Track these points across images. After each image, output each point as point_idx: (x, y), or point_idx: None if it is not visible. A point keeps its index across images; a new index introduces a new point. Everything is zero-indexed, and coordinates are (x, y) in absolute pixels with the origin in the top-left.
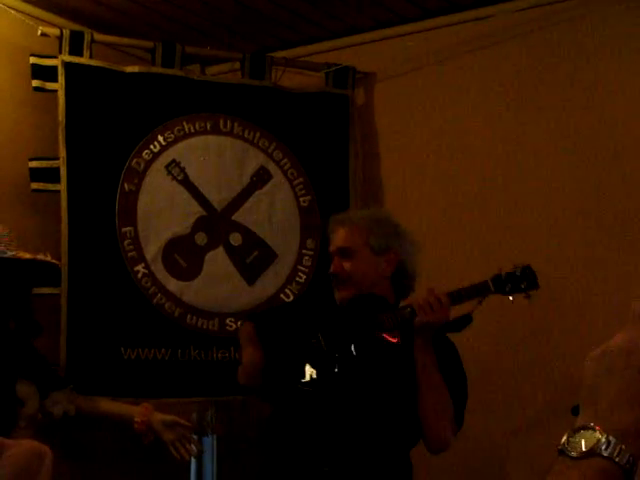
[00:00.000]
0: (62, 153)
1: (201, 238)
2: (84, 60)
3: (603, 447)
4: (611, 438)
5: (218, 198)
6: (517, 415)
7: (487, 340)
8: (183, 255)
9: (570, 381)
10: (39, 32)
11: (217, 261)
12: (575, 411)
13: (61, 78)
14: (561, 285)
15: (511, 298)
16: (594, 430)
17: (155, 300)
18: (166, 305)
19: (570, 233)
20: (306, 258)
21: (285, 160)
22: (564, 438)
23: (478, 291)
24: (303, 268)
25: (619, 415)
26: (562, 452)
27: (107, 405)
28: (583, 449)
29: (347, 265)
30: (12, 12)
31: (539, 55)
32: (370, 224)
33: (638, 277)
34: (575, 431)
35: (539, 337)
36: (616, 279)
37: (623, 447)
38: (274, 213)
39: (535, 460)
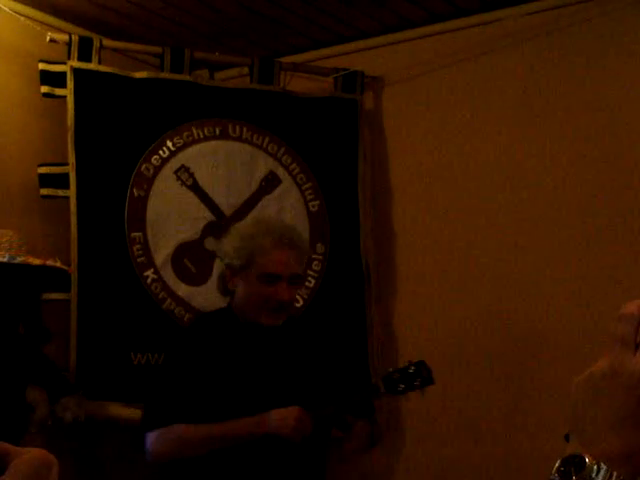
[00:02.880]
0: (71, 159)
1: (210, 243)
2: (93, 66)
3: (594, 475)
4: (601, 465)
5: (227, 203)
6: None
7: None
8: (192, 260)
9: None
10: (48, 38)
11: None
12: (568, 438)
13: (70, 84)
14: (569, 291)
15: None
16: (583, 458)
17: (165, 305)
18: (176, 310)
19: (579, 237)
20: (315, 263)
21: (294, 165)
22: (555, 467)
23: (367, 395)
24: (312, 273)
25: (607, 440)
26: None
27: (117, 410)
28: (574, 478)
29: (294, 293)
30: (21, 18)
31: (547, 59)
32: (306, 247)
33: None
34: (565, 460)
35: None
36: (630, 286)
37: (615, 473)
38: (283, 218)
39: None
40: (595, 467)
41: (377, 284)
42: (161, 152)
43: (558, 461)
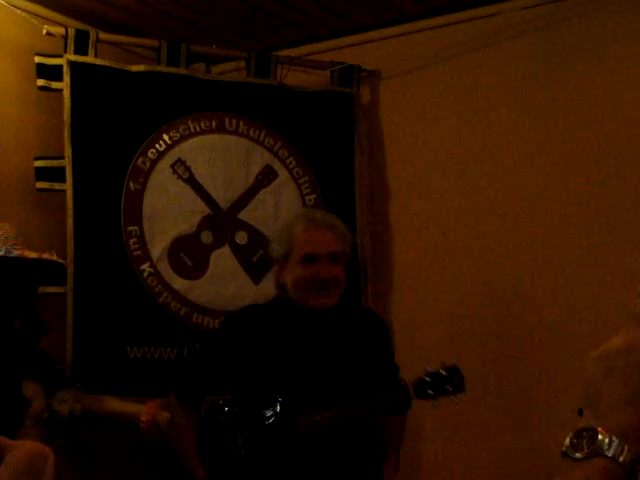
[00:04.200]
0: (67, 152)
1: (207, 237)
2: (89, 59)
3: (606, 447)
4: (614, 438)
5: (224, 197)
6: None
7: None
8: (189, 254)
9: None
10: (44, 31)
11: (223, 260)
12: (581, 412)
13: (66, 77)
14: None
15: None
16: (596, 431)
17: (161, 299)
18: (172, 304)
19: (582, 230)
20: None
21: (290, 159)
22: (567, 440)
23: (396, 397)
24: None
25: (621, 415)
26: (565, 454)
27: (113, 404)
28: (586, 450)
29: (336, 271)
30: (17, 11)
31: (546, 53)
32: (345, 229)
33: None
34: (578, 432)
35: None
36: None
37: (626, 447)
38: (280, 212)
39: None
40: (607, 440)
41: (373, 278)
42: (157, 146)
43: (570, 433)
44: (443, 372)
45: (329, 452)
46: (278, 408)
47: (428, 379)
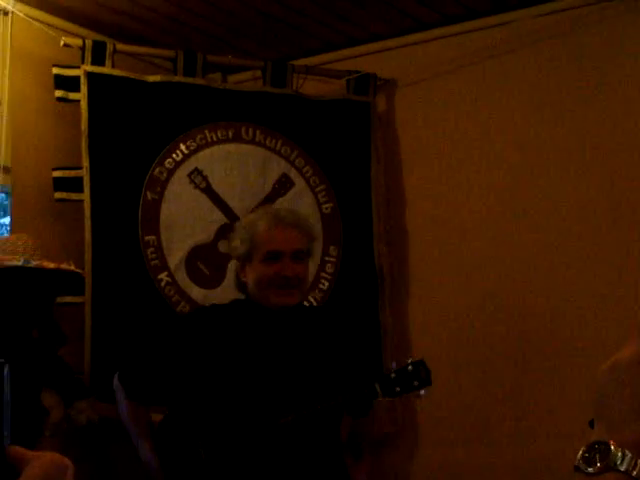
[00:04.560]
0: (85, 163)
1: (224, 246)
2: (106, 70)
3: (618, 462)
4: (626, 452)
5: (240, 206)
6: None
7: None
8: (206, 263)
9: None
10: (62, 43)
11: None
12: (592, 424)
13: (84, 88)
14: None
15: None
16: (608, 444)
17: (179, 308)
18: None
19: (601, 237)
20: (329, 265)
21: (307, 167)
22: (579, 454)
23: (364, 397)
24: (326, 275)
25: (632, 428)
26: (578, 469)
27: None
28: (599, 464)
29: (299, 269)
30: (35, 23)
31: (560, 61)
32: (310, 226)
33: None
34: (589, 446)
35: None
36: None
37: (639, 461)
38: None
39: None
40: (620, 454)
41: (391, 287)
42: (174, 155)
43: (583, 447)
44: (409, 367)
45: (290, 454)
46: (236, 410)
47: (394, 375)
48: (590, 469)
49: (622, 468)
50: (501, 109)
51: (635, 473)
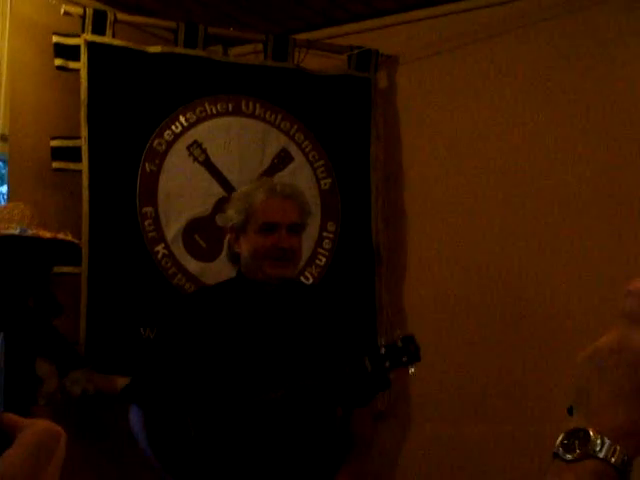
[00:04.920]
0: (84, 132)
1: (221, 219)
2: (107, 39)
3: (597, 449)
4: (605, 439)
5: (239, 179)
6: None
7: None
8: (203, 236)
9: None
10: (62, 11)
11: None
12: (571, 411)
13: (84, 57)
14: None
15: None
16: (588, 431)
17: (175, 280)
18: (186, 285)
19: (593, 222)
20: (326, 241)
21: (306, 142)
22: (558, 441)
23: (354, 373)
24: (323, 251)
25: (612, 415)
26: (557, 455)
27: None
28: (577, 451)
29: (294, 242)
30: None
31: (564, 39)
32: (306, 201)
33: None
34: (569, 433)
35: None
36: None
37: (618, 448)
38: None
39: None
40: (599, 441)
41: (387, 263)
42: (174, 127)
43: (562, 434)
44: (399, 343)
45: (280, 431)
46: (227, 387)
47: (383, 350)
48: (569, 456)
49: (601, 455)
50: (504, 87)
51: (614, 460)
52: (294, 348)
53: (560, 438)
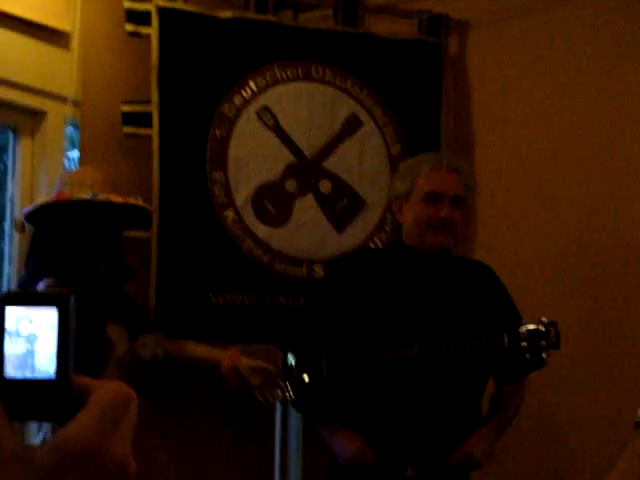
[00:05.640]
0: (154, 97)
1: (291, 185)
2: (177, 5)
3: None
4: None
5: (308, 145)
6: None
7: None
8: (273, 201)
9: None
10: None
11: (306, 208)
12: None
13: (155, 23)
14: None
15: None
16: None
17: (244, 246)
18: (255, 251)
19: None
20: None
21: (376, 107)
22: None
23: (483, 351)
24: (391, 217)
25: None
26: (638, 425)
27: (195, 349)
28: None
29: (456, 214)
30: None
31: None
32: (471, 175)
33: None
34: None
35: None
36: None
37: None
38: (364, 161)
39: None
40: None
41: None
42: (243, 92)
43: None
44: (541, 327)
45: (415, 388)
46: (368, 339)
47: (524, 330)
48: None
49: None
50: (580, 54)
51: None
52: (445, 313)
53: None
